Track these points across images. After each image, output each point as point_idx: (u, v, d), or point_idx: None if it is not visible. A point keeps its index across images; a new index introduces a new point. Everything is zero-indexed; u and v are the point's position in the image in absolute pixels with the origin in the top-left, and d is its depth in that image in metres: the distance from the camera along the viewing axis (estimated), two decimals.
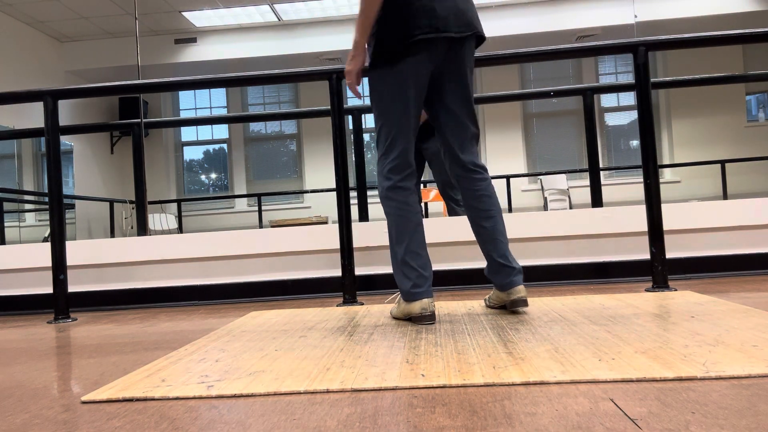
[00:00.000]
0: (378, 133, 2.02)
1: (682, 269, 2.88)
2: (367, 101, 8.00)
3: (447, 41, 1.92)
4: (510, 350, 1.47)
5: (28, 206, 7.32)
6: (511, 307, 2.03)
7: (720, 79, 3.57)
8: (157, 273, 3.11)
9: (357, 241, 3.00)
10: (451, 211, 3.43)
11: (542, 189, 8.93)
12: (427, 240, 2.97)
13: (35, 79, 7.84)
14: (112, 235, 8.44)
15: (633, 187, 8.89)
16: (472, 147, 2.02)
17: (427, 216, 7.57)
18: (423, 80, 1.94)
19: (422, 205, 5.74)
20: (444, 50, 1.94)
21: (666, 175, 9.09)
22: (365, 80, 10.03)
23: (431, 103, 2.04)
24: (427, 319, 1.90)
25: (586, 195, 8.67)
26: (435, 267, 2.96)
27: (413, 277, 1.92)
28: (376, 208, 7.43)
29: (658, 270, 2.49)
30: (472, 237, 2.96)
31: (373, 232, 3.00)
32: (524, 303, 1.99)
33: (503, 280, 2.00)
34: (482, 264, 2.97)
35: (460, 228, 2.96)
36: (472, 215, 2.03)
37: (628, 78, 9.33)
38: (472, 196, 2.02)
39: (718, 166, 8.66)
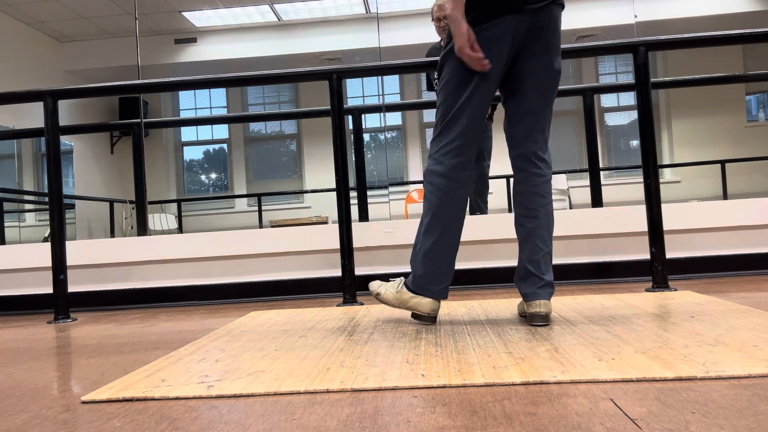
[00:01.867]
0: (438, 110, 1.84)
1: (682, 269, 2.88)
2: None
3: (529, 14, 1.72)
4: (510, 350, 1.47)
5: (28, 206, 7.32)
6: (529, 322, 1.79)
7: (720, 79, 3.58)
8: (157, 273, 3.11)
9: (357, 241, 3.00)
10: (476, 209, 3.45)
11: None
12: None
13: (35, 79, 7.83)
14: (112, 235, 8.44)
15: (633, 187, 8.88)
16: (537, 135, 1.82)
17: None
18: (504, 54, 1.75)
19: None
20: (526, 24, 1.74)
21: (666, 175, 9.09)
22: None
23: (504, 82, 1.85)
24: (430, 319, 1.87)
25: (586, 195, 8.66)
26: None
27: (431, 273, 1.82)
28: (376, 208, 7.44)
29: (658, 270, 2.49)
30: (472, 237, 2.96)
31: (373, 232, 3.00)
32: (543, 319, 1.74)
33: (527, 289, 1.80)
34: (482, 264, 2.97)
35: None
36: (517, 212, 1.85)
37: (628, 78, 9.32)
38: (521, 190, 1.83)
39: (718, 166, 8.66)
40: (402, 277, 1.96)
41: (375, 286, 1.98)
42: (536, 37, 1.76)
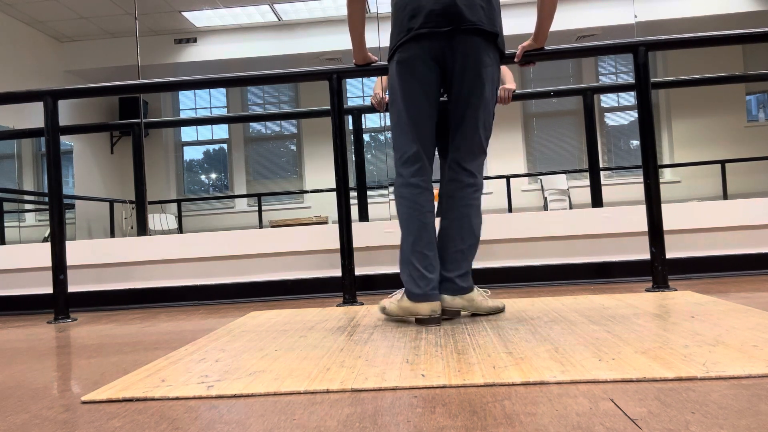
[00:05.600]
0: (391, 126, 2.05)
1: (682, 269, 2.88)
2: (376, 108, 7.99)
3: (441, 36, 1.90)
4: (510, 350, 1.47)
5: (28, 206, 7.32)
6: None
7: (720, 79, 3.57)
8: (157, 273, 3.11)
9: (357, 241, 3.00)
10: None
11: (542, 189, 8.92)
12: None
13: (35, 79, 7.83)
14: (112, 235, 8.44)
15: (633, 187, 8.89)
16: (459, 143, 1.98)
17: None
18: (423, 73, 1.93)
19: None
20: (439, 45, 1.91)
21: (666, 175, 9.09)
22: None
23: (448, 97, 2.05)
24: (434, 321, 1.87)
25: (586, 195, 8.66)
26: None
27: (416, 277, 1.89)
28: (376, 208, 7.43)
29: (658, 270, 2.49)
30: None
31: (373, 232, 3.00)
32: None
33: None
34: (482, 264, 2.97)
35: None
36: (438, 210, 2.04)
37: (628, 78, 9.32)
38: (441, 192, 2.03)
39: (718, 166, 8.66)
40: (403, 288, 2.00)
41: (382, 303, 2.08)
42: (455, 58, 1.91)
